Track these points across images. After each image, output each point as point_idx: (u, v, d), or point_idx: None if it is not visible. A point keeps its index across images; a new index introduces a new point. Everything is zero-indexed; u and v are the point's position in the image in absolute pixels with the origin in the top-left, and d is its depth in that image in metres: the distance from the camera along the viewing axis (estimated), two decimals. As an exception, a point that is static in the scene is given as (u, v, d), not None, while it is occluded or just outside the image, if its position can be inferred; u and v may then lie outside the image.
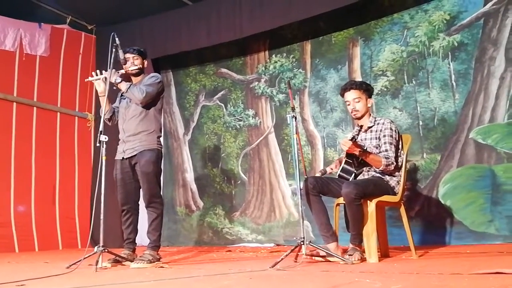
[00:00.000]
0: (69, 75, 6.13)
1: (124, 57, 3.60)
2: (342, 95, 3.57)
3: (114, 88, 3.65)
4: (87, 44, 6.33)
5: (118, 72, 3.61)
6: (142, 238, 4.19)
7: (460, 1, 4.54)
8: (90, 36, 6.39)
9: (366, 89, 3.50)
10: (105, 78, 3.60)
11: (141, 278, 2.64)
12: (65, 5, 5.91)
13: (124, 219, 3.68)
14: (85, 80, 3.82)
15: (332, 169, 3.62)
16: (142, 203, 3.70)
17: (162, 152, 3.76)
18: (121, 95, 3.75)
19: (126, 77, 3.69)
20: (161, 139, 3.78)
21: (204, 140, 6.09)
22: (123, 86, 3.56)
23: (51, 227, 5.76)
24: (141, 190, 3.67)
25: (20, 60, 5.64)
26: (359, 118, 3.50)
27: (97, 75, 3.69)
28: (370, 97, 3.52)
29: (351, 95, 3.48)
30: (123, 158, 3.64)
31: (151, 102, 3.64)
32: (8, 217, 5.34)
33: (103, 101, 3.66)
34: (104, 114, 3.70)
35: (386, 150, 3.32)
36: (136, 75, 3.74)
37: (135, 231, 3.72)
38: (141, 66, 3.75)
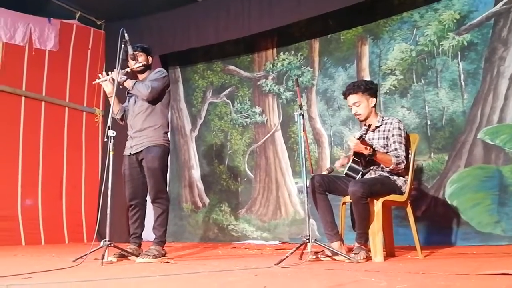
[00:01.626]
0: (78, 70, 6.16)
1: (134, 53, 3.61)
2: (345, 99, 3.56)
3: (121, 87, 3.66)
4: (96, 39, 6.35)
5: (123, 71, 3.62)
6: (148, 233, 4.20)
7: (470, 0, 4.51)
8: (99, 32, 6.41)
9: (366, 89, 3.41)
10: (112, 78, 3.61)
11: (146, 273, 2.65)
12: (75, 0, 5.94)
13: (131, 214, 3.70)
14: (93, 82, 3.83)
15: (341, 163, 3.59)
16: (149, 199, 3.72)
17: (169, 148, 3.76)
18: (128, 93, 3.76)
19: (133, 75, 3.71)
20: (169, 134, 3.79)
21: (211, 137, 6.09)
22: (129, 83, 3.58)
23: (57, 221, 5.80)
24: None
25: (29, 55, 5.67)
26: (364, 121, 3.47)
27: (103, 76, 3.71)
28: (373, 95, 3.44)
29: (350, 99, 3.46)
30: (130, 153, 3.66)
31: (157, 97, 3.65)
32: (15, 211, 5.38)
33: (112, 101, 3.68)
34: (115, 114, 3.74)
35: (396, 149, 3.30)
36: (142, 72, 3.76)
37: (141, 226, 3.74)
38: (145, 63, 3.75)
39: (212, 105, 6.14)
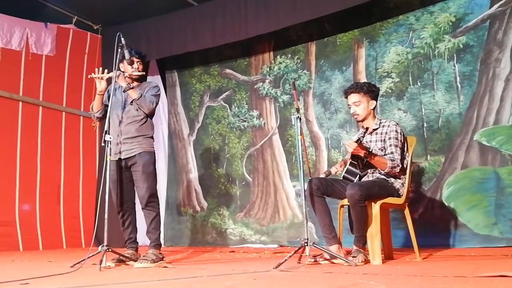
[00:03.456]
0: (75, 74, 6.14)
1: (130, 58, 3.62)
2: (346, 98, 3.57)
3: (124, 92, 3.68)
4: (93, 44, 6.34)
5: (124, 75, 3.64)
6: (142, 238, 4.20)
7: (466, 3, 4.53)
8: (96, 36, 6.40)
9: (368, 91, 3.45)
10: (110, 78, 3.63)
11: (144, 278, 2.65)
12: (71, 5, 5.93)
13: (123, 220, 3.71)
14: (89, 76, 3.85)
15: (337, 169, 3.61)
16: (138, 204, 3.73)
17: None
18: (128, 99, 3.73)
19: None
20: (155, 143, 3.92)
21: (209, 140, 6.09)
22: (135, 93, 3.61)
23: (55, 226, 5.78)
24: (136, 190, 3.71)
25: (26, 60, 5.66)
26: (361, 121, 3.49)
27: (101, 73, 3.72)
28: (374, 98, 3.48)
29: (351, 98, 3.47)
30: (119, 158, 3.67)
31: (153, 111, 3.79)
32: (13, 216, 5.37)
33: (100, 99, 3.75)
34: (95, 112, 3.79)
35: (392, 153, 3.31)
36: (137, 80, 3.81)
37: (135, 230, 3.77)
38: (144, 72, 3.85)
39: (210, 109, 6.14)
